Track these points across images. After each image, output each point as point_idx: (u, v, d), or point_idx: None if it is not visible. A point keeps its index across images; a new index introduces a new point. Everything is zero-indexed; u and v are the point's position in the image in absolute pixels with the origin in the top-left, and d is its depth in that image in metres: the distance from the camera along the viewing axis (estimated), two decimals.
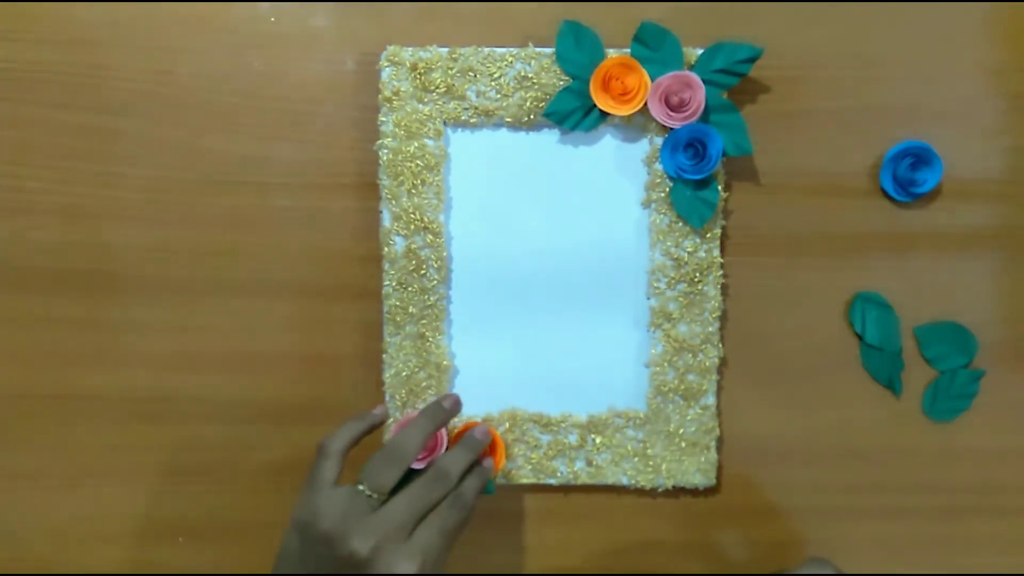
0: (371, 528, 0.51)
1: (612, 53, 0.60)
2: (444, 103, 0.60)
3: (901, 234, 0.63)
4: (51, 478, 0.64)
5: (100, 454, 0.64)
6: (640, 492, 0.63)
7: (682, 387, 0.62)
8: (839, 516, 0.64)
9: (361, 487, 0.53)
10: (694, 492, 0.64)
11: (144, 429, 0.64)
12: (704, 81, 0.59)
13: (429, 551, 0.51)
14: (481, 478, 0.57)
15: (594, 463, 0.63)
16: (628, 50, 0.60)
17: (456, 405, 0.59)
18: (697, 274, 0.61)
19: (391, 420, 0.62)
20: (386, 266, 0.61)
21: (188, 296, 0.63)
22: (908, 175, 0.61)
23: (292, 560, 0.53)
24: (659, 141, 0.60)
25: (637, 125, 0.61)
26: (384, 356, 0.62)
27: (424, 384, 0.62)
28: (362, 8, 0.61)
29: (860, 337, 0.63)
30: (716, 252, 0.61)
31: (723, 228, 0.62)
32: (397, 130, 0.60)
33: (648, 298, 0.62)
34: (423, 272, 0.61)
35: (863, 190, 0.63)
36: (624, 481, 0.63)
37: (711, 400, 0.62)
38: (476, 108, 0.60)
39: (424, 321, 0.61)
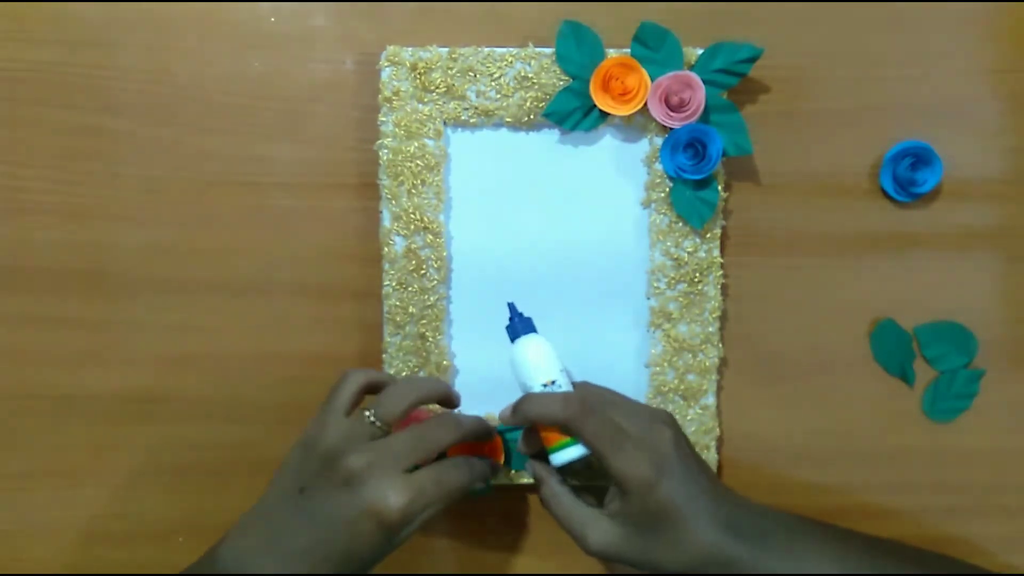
0: (370, 449, 0.51)
1: (612, 53, 0.60)
2: (444, 103, 0.60)
3: (901, 234, 0.63)
4: (50, 478, 0.64)
5: (100, 454, 0.64)
6: None
7: (682, 387, 0.62)
8: (839, 516, 0.64)
9: (368, 413, 0.53)
10: None
11: (143, 429, 0.64)
12: (704, 81, 0.59)
13: (422, 493, 0.51)
14: (487, 465, 0.57)
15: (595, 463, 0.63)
16: (628, 50, 0.60)
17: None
18: (697, 274, 0.61)
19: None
20: (386, 266, 0.61)
21: (188, 296, 0.63)
22: (908, 175, 0.61)
23: (290, 475, 0.53)
24: (659, 141, 0.60)
25: (637, 125, 0.61)
26: (384, 356, 0.62)
27: None
28: (362, 8, 0.61)
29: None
30: (716, 252, 0.61)
31: (723, 228, 0.62)
32: (397, 130, 0.60)
33: (648, 298, 0.62)
34: (423, 272, 0.61)
35: (863, 190, 0.63)
36: None
37: (711, 400, 0.62)
38: (476, 108, 0.60)
39: (424, 321, 0.61)
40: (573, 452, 0.55)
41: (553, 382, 0.56)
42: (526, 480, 0.62)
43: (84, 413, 0.64)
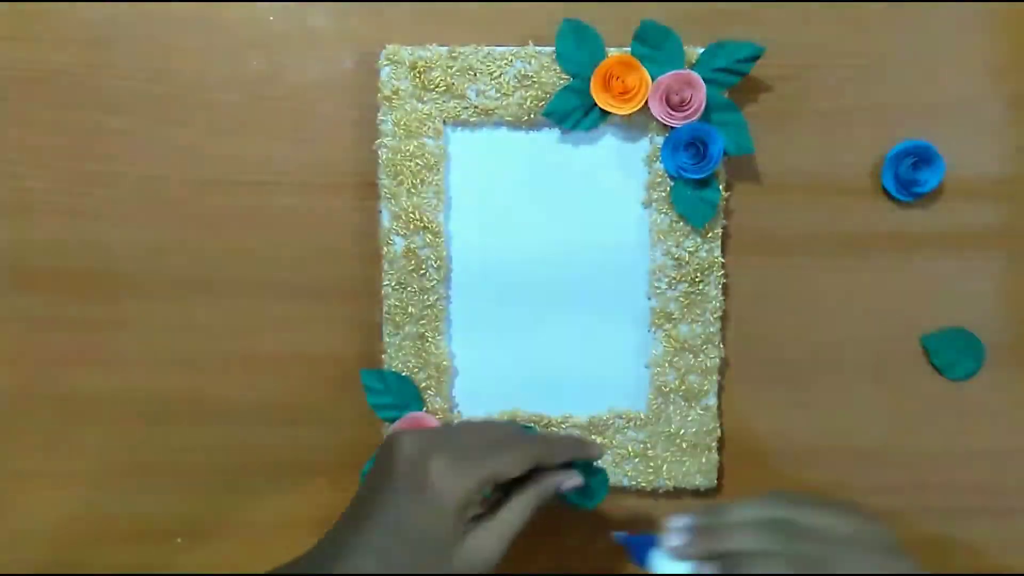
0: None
1: (613, 52, 0.60)
2: (444, 102, 0.60)
3: (903, 234, 0.62)
4: (51, 478, 0.64)
5: (100, 454, 0.64)
6: (641, 494, 0.63)
7: (683, 388, 0.62)
8: None
9: None
10: (695, 494, 0.64)
11: (144, 429, 0.64)
12: (705, 80, 0.58)
13: (470, 464, 0.49)
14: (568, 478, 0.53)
15: (595, 464, 0.62)
16: (629, 49, 0.60)
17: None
18: (698, 274, 0.61)
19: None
20: (385, 266, 0.61)
21: (188, 296, 0.63)
22: (910, 175, 0.61)
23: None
24: (660, 140, 0.60)
25: (638, 124, 0.61)
26: (384, 356, 0.62)
27: (424, 384, 0.62)
28: (361, 7, 0.61)
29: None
30: (717, 252, 0.61)
31: (724, 228, 0.61)
32: (396, 129, 0.60)
33: (649, 298, 0.62)
34: (423, 272, 0.61)
35: (865, 190, 0.62)
36: (625, 483, 0.63)
37: (712, 401, 0.62)
38: (476, 107, 0.60)
39: (424, 321, 0.61)
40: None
41: None
42: None
43: (84, 413, 0.64)
